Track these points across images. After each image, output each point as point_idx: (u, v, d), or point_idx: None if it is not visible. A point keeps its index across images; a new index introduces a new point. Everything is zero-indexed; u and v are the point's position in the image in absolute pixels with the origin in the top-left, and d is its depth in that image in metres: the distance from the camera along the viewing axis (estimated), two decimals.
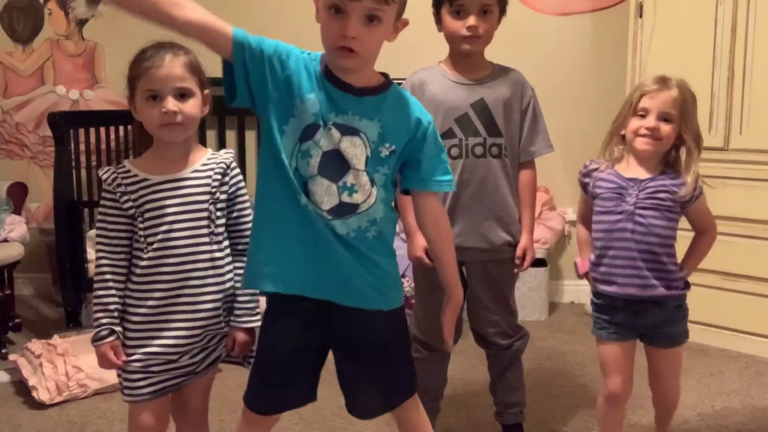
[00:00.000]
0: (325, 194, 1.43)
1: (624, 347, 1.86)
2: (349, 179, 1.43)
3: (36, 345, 2.64)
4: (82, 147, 3.24)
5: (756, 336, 2.90)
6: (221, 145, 3.63)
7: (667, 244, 1.80)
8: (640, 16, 3.12)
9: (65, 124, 3.05)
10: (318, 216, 1.43)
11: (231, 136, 3.66)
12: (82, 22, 3.65)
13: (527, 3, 3.57)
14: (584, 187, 1.91)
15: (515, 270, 2.07)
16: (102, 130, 3.39)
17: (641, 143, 1.79)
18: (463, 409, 2.45)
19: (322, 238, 1.44)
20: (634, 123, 1.80)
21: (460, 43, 1.94)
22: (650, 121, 1.77)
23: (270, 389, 1.54)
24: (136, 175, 1.57)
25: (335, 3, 1.35)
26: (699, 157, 1.81)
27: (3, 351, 2.85)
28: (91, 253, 2.98)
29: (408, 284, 2.67)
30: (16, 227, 3.12)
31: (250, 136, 3.65)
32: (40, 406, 2.45)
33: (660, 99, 1.77)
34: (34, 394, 2.46)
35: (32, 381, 2.49)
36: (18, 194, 3.45)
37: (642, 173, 1.81)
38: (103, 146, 3.40)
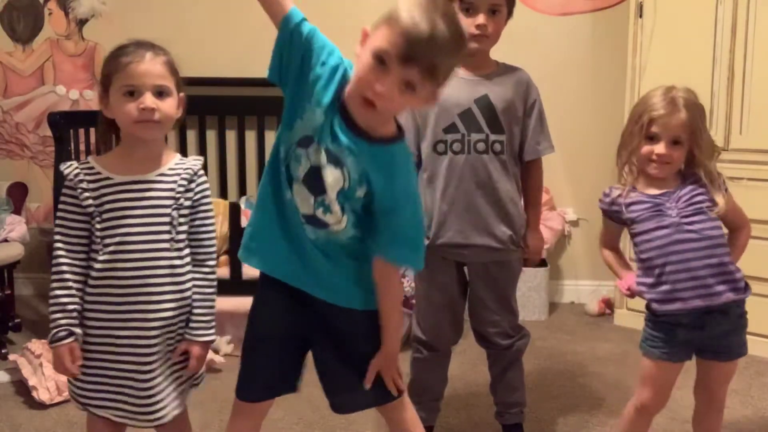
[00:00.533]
0: (304, 201, 1.45)
1: (673, 368, 1.81)
2: (326, 199, 1.44)
3: (36, 345, 2.64)
4: (82, 147, 3.23)
5: (756, 336, 2.88)
6: (221, 145, 3.63)
7: (722, 244, 1.78)
8: (640, 16, 3.12)
9: (65, 124, 3.04)
10: (296, 214, 1.47)
11: (231, 136, 3.66)
12: (82, 22, 3.64)
13: (527, 3, 3.57)
14: (611, 214, 1.87)
15: (530, 265, 2.13)
16: None
17: (653, 168, 1.78)
18: (463, 409, 2.45)
19: (299, 233, 1.48)
20: (645, 148, 1.78)
21: (468, 40, 1.93)
22: (661, 148, 1.76)
23: (255, 375, 1.58)
24: (99, 173, 1.52)
25: (382, 56, 1.31)
26: (716, 161, 1.81)
27: (3, 351, 2.85)
28: None
29: (408, 284, 2.67)
30: (16, 227, 3.12)
31: (250, 136, 3.65)
32: (40, 406, 2.45)
33: (670, 125, 1.75)
34: (34, 394, 2.46)
35: (32, 381, 2.49)
36: (18, 194, 3.45)
37: (667, 187, 1.80)
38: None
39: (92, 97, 3.70)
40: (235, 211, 2.90)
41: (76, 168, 1.53)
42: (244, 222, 3.09)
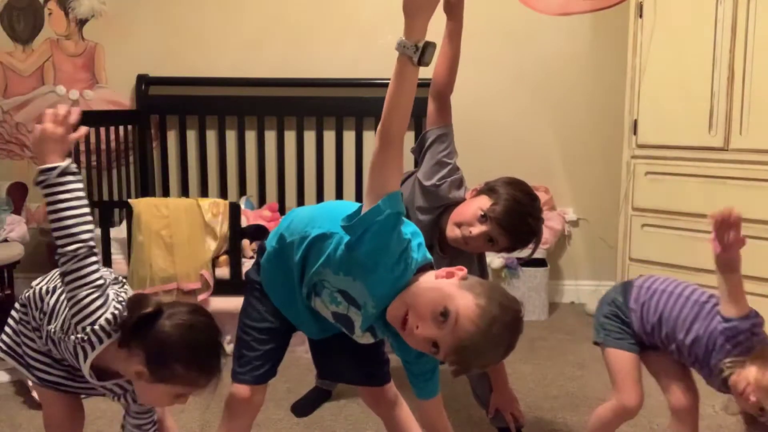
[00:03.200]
0: (323, 311, 1.57)
1: (638, 359, 1.88)
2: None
3: None
4: (82, 147, 3.23)
5: None
6: (221, 145, 3.63)
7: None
8: (640, 16, 3.12)
9: None
10: (308, 299, 1.59)
11: (231, 136, 3.65)
12: (82, 22, 3.64)
13: (527, 3, 3.56)
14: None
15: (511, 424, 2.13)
16: (102, 130, 3.40)
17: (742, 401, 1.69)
18: (464, 409, 2.45)
19: (301, 303, 1.61)
20: (741, 383, 1.67)
21: (456, 241, 1.90)
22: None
23: (261, 359, 1.67)
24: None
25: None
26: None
27: None
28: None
29: None
30: (16, 227, 3.12)
31: (250, 137, 3.64)
32: (40, 406, 2.44)
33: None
34: (34, 394, 2.46)
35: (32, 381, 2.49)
36: (18, 194, 3.44)
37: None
38: (103, 146, 3.40)
39: (92, 97, 3.70)
40: (235, 211, 2.90)
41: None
42: (244, 222, 3.09)
